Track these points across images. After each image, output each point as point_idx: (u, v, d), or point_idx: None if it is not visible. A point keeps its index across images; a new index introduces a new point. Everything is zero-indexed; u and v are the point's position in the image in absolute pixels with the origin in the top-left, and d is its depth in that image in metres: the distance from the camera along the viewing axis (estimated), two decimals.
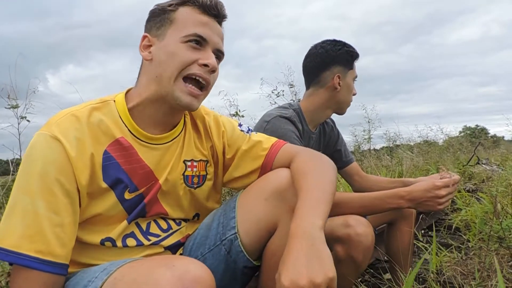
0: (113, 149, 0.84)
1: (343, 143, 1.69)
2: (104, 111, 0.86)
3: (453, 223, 2.06)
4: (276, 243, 0.87)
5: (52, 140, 0.76)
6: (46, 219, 0.73)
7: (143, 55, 0.88)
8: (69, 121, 0.80)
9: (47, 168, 0.74)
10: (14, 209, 0.73)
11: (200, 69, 0.85)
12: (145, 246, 0.90)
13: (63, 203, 0.75)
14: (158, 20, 0.88)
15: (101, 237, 0.85)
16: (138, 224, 0.91)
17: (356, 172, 1.66)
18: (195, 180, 0.98)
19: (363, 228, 1.12)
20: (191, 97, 0.86)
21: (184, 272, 0.62)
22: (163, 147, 0.91)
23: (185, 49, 0.84)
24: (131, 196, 0.87)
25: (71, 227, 0.77)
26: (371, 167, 4.27)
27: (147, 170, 0.89)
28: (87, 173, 0.80)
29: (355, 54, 1.48)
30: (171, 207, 0.95)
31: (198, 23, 0.86)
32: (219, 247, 0.91)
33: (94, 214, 0.84)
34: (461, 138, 6.73)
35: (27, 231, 0.72)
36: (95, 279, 0.72)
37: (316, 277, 0.64)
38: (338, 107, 1.49)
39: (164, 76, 0.84)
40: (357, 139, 5.61)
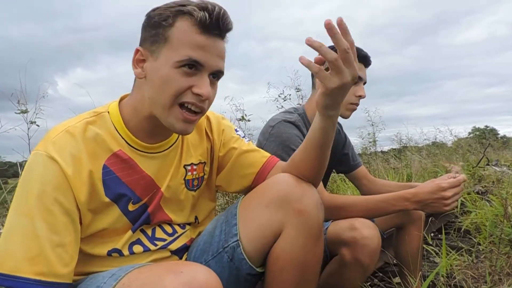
0: (112, 163, 0.84)
1: (351, 146, 1.69)
2: (100, 124, 0.84)
3: (463, 226, 2.03)
4: (281, 247, 0.86)
5: (48, 159, 0.75)
6: (46, 240, 0.72)
7: (136, 73, 0.83)
8: (65, 138, 0.79)
9: (45, 188, 0.73)
10: (13, 231, 0.72)
11: (193, 97, 0.80)
12: (152, 251, 0.91)
13: (63, 223, 0.75)
14: (153, 34, 0.81)
15: (107, 248, 0.86)
16: (143, 230, 0.91)
17: (364, 176, 1.65)
18: (195, 183, 0.99)
19: (369, 230, 1.11)
20: (185, 124, 0.82)
21: (191, 278, 0.62)
22: (162, 155, 0.91)
23: (178, 76, 0.78)
24: (135, 208, 0.88)
25: (73, 246, 0.77)
26: (378, 169, 4.24)
27: (148, 180, 0.89)
28: (86, 190, 0.79)
29: None
30: (174, 213, 0.96)
31: (195, 46, 0.78)
32: (221, 254, 0.91)
33: (100, 229, 0.84)
34: (470, 140, 6.65)
35: (27, 254, 0.70)
36: (103, 284, 0.72)
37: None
38: None
39: (158, 101, 0.80)
40: (364, 142, 5.58)
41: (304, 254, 0.86)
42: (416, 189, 1.20)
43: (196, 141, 1.00)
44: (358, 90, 1.44)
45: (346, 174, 1.72)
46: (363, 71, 1.45)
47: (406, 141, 5.94)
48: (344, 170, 1.69)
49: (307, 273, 0.88)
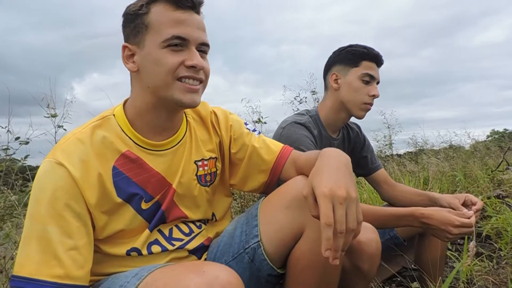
0: (121, 164, 0.86)
1: (370, 149, 1.66)
2: (106, 127, 0.87)
3: (483, 231, 2.00)
4: (302, 249, 0.87)
5: (57, 166, 0.78)
6: (59, 244, 0.74)
7: (128, 67, 0.86)
8: (73, 144, 0.82)
9: (55, 194, 0.76)
10: (29, 236, 0.75)
11: (188, 70, 0.83)
12: (170, 251, 0.92)
13: (75, 226, 0.77)
14: (133, 27, 0.84)
15: (126, 248, 0.87)
16: (160, 230, 0.93)
17: (384, 180, 1.62)
18: (207, 178, 1.00)
19: (366, 235, 1.07)
20: (191, 94, 0.84)
21: (214, 278, 0.63)
22: (170, 152, 0.92)
23: (168, 55, 0.81)
24: (148, 206, 0.89)
25: (87, 249, 0.79)
26: (394, 173, 4.19)
27: (159, 178, 0.90)
28: (96, 192, 0.81)
29: (361, 53, 1.42)
30: (189, 209, 0.97)
31: (174, 23, 0.81)
32: (242, 255, 0.91)
33: (117, 230, 0.86)
34: (488, 143, 6.48)
35: (43, 257, 0.73)
36: (127, 283, 0.73)
37: (352, 192, 0.71)
38: (347, 108, 1.45)
39: (158, 84, 0.83)
40: (379, 145, 5.51)
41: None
42: (428, 211, 1.19)
43: (205, 137, 1.01)
44: (371, 90, 1.42)
45: (365, 177, 1.70)
46: (375, 70, 1.43)
47: (422, 144, 5.83)
48: (363, 173, 1.67)
49: (328, 275, 0.88)
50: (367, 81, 1.41)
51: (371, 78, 1.41)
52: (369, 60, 1.42)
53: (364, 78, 1.41)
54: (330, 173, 0.74)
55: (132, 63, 0.86)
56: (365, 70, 1.41)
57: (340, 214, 0.69)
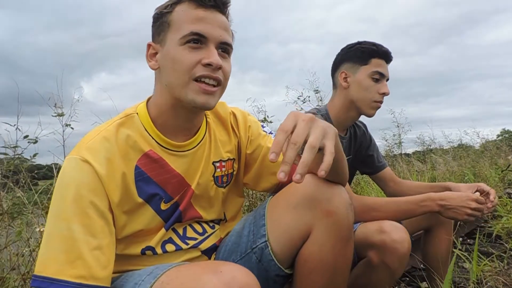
0: (143, 163, 0.85)
1: (376, 148, 1.66)
2: (130, 125, 0.86)
3: (493, 231, 1.97)
4: (310, 250, 0.86)
5: (82, 163, 0.76)
6: (84, 243, 0.72)
7: (150, 65, 0.86)
8: (99, 142, 0.80)
9: (80, 191, 0.74)
10: (52, 235, 0.73)
11: (205, 69, 0.80)
12: (184, 250, 0.92)
13: (99, 225, 0.75)
14: (158, 25, 0.85)
15: (141, 247, 0.87)
16: (175, 229, 0.93)
17: (390, 178, 1.63)
18: (224, 179, 0.99)
19: (399, 234, 1.09)
20: (205, 96, 0.82)
21: (231, 278, 0.63)
22: (190, 153, 0.92)
23: (186, 52, 0.80)
24: (167, 206, 0.89)
25: (109, 249, 0.77)
26: (403, 172, 4.16)
27: (179, 179, 0.90)
28: (119, 192, 0.80)
29: (370, 50, 1.40)
30: (204, 210, 0.97)
31: (194, 20, 0.80)
32: (250, 255, 0.91)
33: (136, 230, 0.85)
34: (498, 142, 6.39)
35: (67, 257, 0.71)
36: (142, 282, 0.73)
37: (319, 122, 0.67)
38: (357, 107, 1.43)
39: (174, 83, 0.82)
40: (388, 144, 5.46)
41: (334, 257, 0.85)
42: (444, 193, 1.21)
43: (224, 138, 1.00)
44: (381, 88, 1.40)
45: (371, 175, 1.70)
46: (385, 68, 1.41)
47: (430, 142, 5.78)
48: (369, 172, 1.68)
49: (336, 276, 0.87)
50: (377, 79, 1.39)
51: (381, 75, 1.39)
52: (379, 57, 1.39)
53: (374, 76, 1.39)
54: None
55: (154, 61, 0.86)
56: (375, 68, 1.39)
57: (300, 128, 0.65)
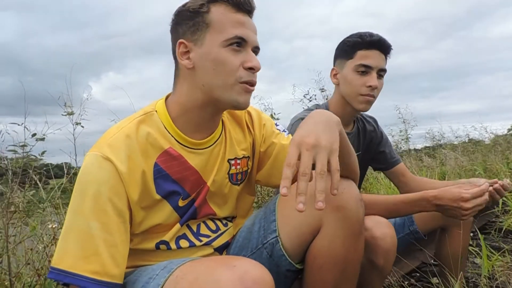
0: (163, 161, 0.85)
1: (388, 143, 1.63)
2: (150, 123, 0.87)
3: (504, 226, 1.96)
4: (320, 245, 0.86)
5: (104, 160, 0.77)
6: (101, 240, 0.74)
7: (184, 64, 0.85)
8: (120, 139, 0.81)
9: (100, 189, 0.76)
10: (70, 230, 0.75)
11: (248, 74, 0.83)
12: (197, 247, 0.93)
13: (116, 223, 0.77)
14: (192, 24, 0.84)
15: (156, 241, 0.88)
16: (189, 226, 0.93)
17: (403, 174, 1.59)
18: (239, 177, 1.00)
19: (381, 230, 1.07)
20: (246, 95, 0.85)
21: (244, 272, 0.63)
22: (208, 150, 0.92)
23: (229, 54, 0.82)
24: (184, 203, 0.90)
25: (124, 246, 0.79)
26: (412, 167, 4.13)
27: (197, 176, 0.90)
28: (139, 189, 0.81)
29: (354, 43, 1.34)
30: (219, 207, 0.97)
31: (236, 24, 0.83)
32: (261, 250, 0.91)
33: (154, 225, 0.86)
34: (509, 137, 6.31)
35: (83, 252, 0.73)
36: (156, 276, 0.74)
37: (322, 140, 0.71)
38: (349, 102, 1.39)
39: (216, 84, 0.83)
40: (395, 140, 5.42)
41: (344, 251, 0.85)
42: (438, 191, 1.15)
43: (239, 136, 1.01)
44: (368, 80, 1.33)
45: (384, 171, 1.67)
46: (373, 59, 1.33)
47: (439, 137, 5.73)
48: (382, 168, 1.64)
49: (347, 270, 0.87)
50: (362, 72, 1.34)
51: (367, 67, 1.33)
52: (365, 48, 1.33)
53: (359, 69, 1.34)
54: (308, 125, 0.76)
55: (187, 59, 0.85)
56: (359, 60, 1.33)
57: (305, 158, 0.69)
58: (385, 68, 1.37)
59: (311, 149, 0.70)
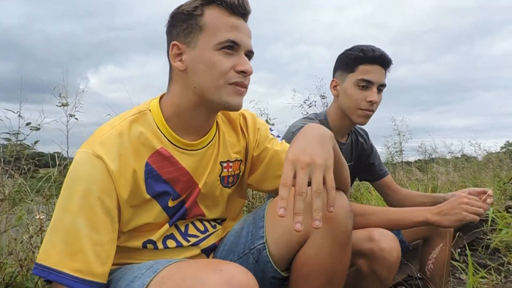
0: (154, 160, 0.85)
1: (377, 156, 1.67)
2: (143, 122, 0.86)
3: (491, 243, 1.97)
4: (306, 254, 0.86)
5: (95, 158, 0.77)
6: (87, 238, 0.74)
7: (176, 65, 0.85)
8: (112, 138, 0.81)
9: (90, 187, 0.75)
10: (57, 227, 0.75)
11: (238, 76, 0.83)
12: (184, 247, 0.92)
13: (103, 222, 0.77)
14: (185, 27, 0.84)
15: (143, 240, 0.88)
16: (177, 226, 0.93)
17: (390, 186, 1.63)
18: (230, 180, 1.00)
19: (388, 242, 1.08)
20: (238, 97, 0.85)
21: (231, 277, 0.63)
22: (201, 152, 0.92)
23: (221, 57, 0.82)
24: (174, 204, 0.89)
25: (110, 245, 0.78)
26: (403, 180, 4.15)
27: (188, 177, 0.90)
28: (129, 188, 0.81)
29: (356, 57, 1.35)
30: (208, 208, 0.97)
31: (229, 27, 0.82)
32: (247, 255, 0.91)
33: (142, 224, 0.86)
34: (502, 155, 6.38)
35: (68, 250, 0.73)
36: (141, 275, 0.73)
37: (317, 158, 0.71)
38: (347, 115, 1.41)
39: (208, 85, 0.83)
40: (389, 151, 5.45)
41: (331, 262, 0.85)
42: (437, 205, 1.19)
43: (233, 139, 1.00)
44: (368, 95, 1.34)
45: (371, 183, 1.71)
46: (374, 74, 1.34)
47: (431, 151, 5.77)
48: (370, 179, 1.68)
49: (333, 280, 0.87)
50: (363, 86, 1.35)
51: (368, 82, 1.34)
52: (367, 63, 1.34)
53: (360, 84, 1.35)
54: (301, 141, 0.75)
55: (179, 61, 0.85)
56: (361, 75, 1.35)
57: (300, 177, 0.69)
58: (385, 83, 1.38)
59: (306, 168, 0.70)
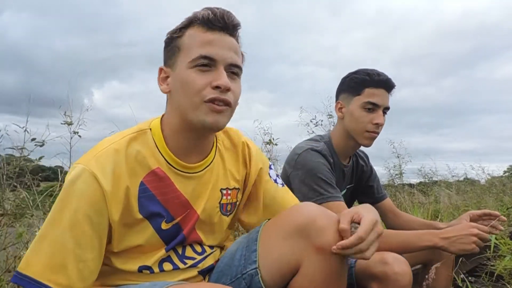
0: (149, 181, 0.84)
1: (376, 179, 1.68)
2: (141, 141, 0.86)
3: (496, 270, 1.93)
4: (299, 283, 0.84)
5: (89, 176, 0.77)
6: (71, 254, 0.74)
7: (161, 89, 0.87)
8: (108, 155, 0.81)
9: (81, 204, 0.75)
10: (43, 238, 0.75)
11: (214, 92, 0.80)
12: (181, 269, 0.91)
13: (90, 239, 0.77)
14: (169, 49, 0.86)
15: (138, 264, 0.86)
16: (174, 249, 0.92)
17: (390, 209, 1.63)
18: (228, 208, 0.99)
19: (402, 266, 1.08)
20: (214, 115, 0.81)
21: None
22: (198, 175, 0.91)
23: (195, 75, 0.81)
24: (168, 227, 0.88)
25: (95, 262, 0.78)
26: (405, 202, 4.11)
27: (182, 200, 0.89)
28: (121, 206, 0.81)
29: (362, 80, 1.38)
30: (205, 235, 0.96)
31: (203, 43, 0.81)
32: (239, 280, 0.89)
33: (134, 245, 0.85)
34: (505, 179, 6.33)
35: (51, 262, 0.73)
36: None
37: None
38: (352, 137, 1.42)
39: (185, 105, 0.82)
40: (390, 174, 5.43)
41: None
42: (447, 228, 1.22)
43: (233, 166, 1.00)
44: (374, 118, 1.37)
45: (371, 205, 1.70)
46: (380, 97, 1.38)
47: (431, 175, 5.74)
48: (369, 202, 1.67)
49: None
50: (369, 109, 1.37)
51: (374, 105, 1.37)
52: (373, 86, 1.37)
53: (366, 106, 1.37)
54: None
55: (166, 85, 0.87)
56: (367, 98, 1.37)
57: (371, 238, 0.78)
58: (389, 106, 1.41)
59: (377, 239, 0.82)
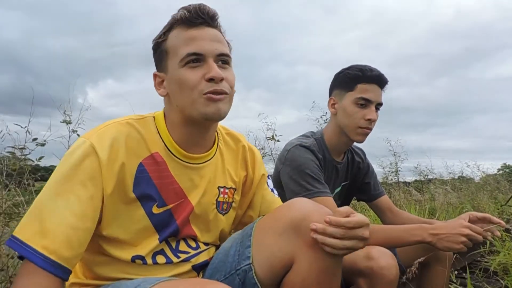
0: (148, 163, 0.87)
1: (373, 175, 1.66)
2: (143, 125, 0.89)
3: (489, 266, 1.95)
4: (292, 280, 0.83)
5: (88, 147, 0.79)
6: (61, 219, 0.74)
7: (159, 93, 0.91)
8: (110, 131, 0.84)
9: (76, 171, 0.77)
10: (38, 204, 0.76)
11: (210, 85, 0.83)
12: (174, 264, 0.91)
13: (84, 207, 0.77)
14: (158, 54, 0.90)
15: (131, 254, 0.86)
16: (168, 242, 0.92)
17: (388, 207, 1.61)
18: (224, 207, 1.00)
19: (387, 260, 1.08)
20: (214, 104, 0.84)
21: None
22: (196, 167, 0.93)
23: (187, 72, 0.84)
24: (159, 211, 0.88)
25: (84, 233, 0.77)
26: (401, 200, 4.13)
27: (176, 187, 0.90)
28: (115, 180, 0.82)
29: (355, 76, 1.38)
30: (200, 231, 0.96)
31: (187, 41, 0.84)
32: (233, 276, 0.89)
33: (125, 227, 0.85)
34: (499, 177, 6.38)
35: (41, 227, 0.73)
36: None
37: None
38: (345, 133, 1.42)
39: (183, 102, 0.86)
40: (385, 171, 5.45)
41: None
42: (436, 224, 1.20)
43: (231, 166, 1.02)
44: (367, 113, 1.36)
45: (367, 202, 1.69)
46: (373, 93, 1.37)
47: (427, 172, 5.78)
48: (365, 199, 1.67)
49: None
50: (362, 105, 1.37)
51: (367, 101, 1.37)
52: (365, 82, 1.37)
53: (359, 102, 1.37)
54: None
55: (163, 88, 0.90)
56: (360, 94, 1.37)
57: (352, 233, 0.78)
58: (382, 102, 1.41)
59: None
